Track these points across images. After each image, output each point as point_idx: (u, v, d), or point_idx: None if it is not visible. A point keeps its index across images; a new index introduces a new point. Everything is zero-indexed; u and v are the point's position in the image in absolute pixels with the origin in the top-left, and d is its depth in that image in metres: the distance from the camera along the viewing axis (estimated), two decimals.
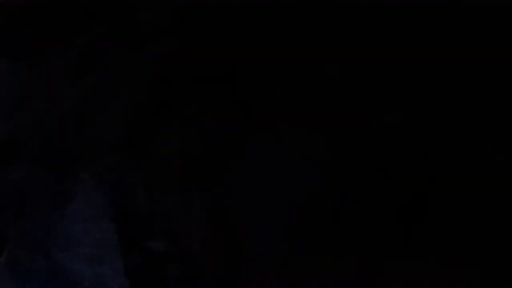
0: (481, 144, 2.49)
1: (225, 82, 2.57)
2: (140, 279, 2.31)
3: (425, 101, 2.52)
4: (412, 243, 2.47)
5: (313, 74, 2.55)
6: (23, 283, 2.23)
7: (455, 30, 2.42)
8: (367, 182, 2.52)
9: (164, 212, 2.48)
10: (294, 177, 2.56)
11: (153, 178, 2.50)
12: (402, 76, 2.52)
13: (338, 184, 2.54)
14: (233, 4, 2.46)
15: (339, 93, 2.57)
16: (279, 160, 2.57)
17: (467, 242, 2.43)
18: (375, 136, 2.55)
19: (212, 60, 2.57)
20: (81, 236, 2.30)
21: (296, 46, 2.53)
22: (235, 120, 2.54)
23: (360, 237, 2.49)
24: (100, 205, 2.34)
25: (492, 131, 2.48)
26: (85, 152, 2.49)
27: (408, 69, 2.50)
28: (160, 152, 2.51)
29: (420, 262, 2.43)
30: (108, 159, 2.50)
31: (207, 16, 2.52)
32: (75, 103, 2.53)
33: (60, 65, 2.55)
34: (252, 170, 2.58)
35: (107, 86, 2.57)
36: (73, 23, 2.56)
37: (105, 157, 2.50)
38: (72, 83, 2.55)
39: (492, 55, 2.42)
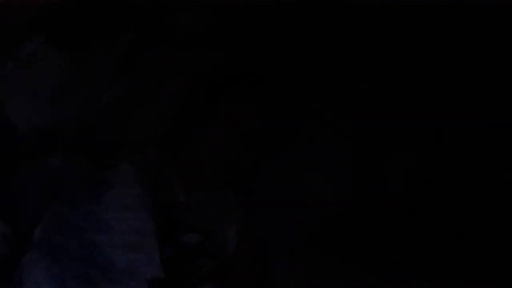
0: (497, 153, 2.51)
1: (261, 83, 2.59)
2: (172, 270, 2.28)
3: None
4: (438, 258, 2.46)
5: (348, 78, 2.58)
6: (54, 264, 2.19)
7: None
8: (396, 197, 2.53)
9: (200, 207, 2.47)
10: (325, 185, 2.57)
11: (190, 174, 2.49)
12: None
13: (367, 197, 2.55)
14: (269, 6, 2.49)
15: (372, 100, 2.59)
16: (312, 167, 2.58)
17: (492, 257, 2.43)
18: (399, 147, 2.57)
19: (248, 61, 2.59)
20: (117, 223, 2.27)
21: (332, 48, 2.57)
22: (270, 121, 2.56)
23: (386, 250, 2.49)
24: (137, 195, 2.32)
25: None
26: (126, 144, 2.48)
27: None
28: (198, 148, 2.51)
29: (447, 278, 2.42)
30: (148, 152, 2.50)
31: (243, 19, 2.55)
32: (117, 97, 2.54)
33: (104, 59, 2.57)
34: (285, 175, 2.58)
35: (148, 82, 2.58)
36: (117, 21, 2.58)
37: (145, 150, 2.50)
38: (114, 77, 2.55)
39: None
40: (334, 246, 2.48)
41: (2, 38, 2.55)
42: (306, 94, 2.60)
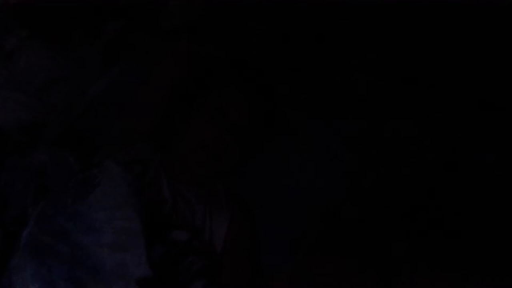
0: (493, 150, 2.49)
1: (251, 76, 2.56)
2: (162, 269, 2.27)
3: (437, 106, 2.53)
4: (433, 252, 2.46)
5: (337, 70, 2.56)
6: (43, 267, 2.18)
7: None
8: (385, 185, 2.52)
9: (187, 204, 2.46)
10: (316, 177, 2.56)
11: (177, 169, 2.47)
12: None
13: (360, 188, 2.54)
14: (260, 2, 2.46)
15: (366, 99, 2.58)
16: (302, 159, 2.57)
17: (487, 252, 2.42)
18: (398, 145, 2.55)
19: (238, 54, 2.57)
20: (104, 223, 2.24)
21: (320, 41, 2.58)
22: (260, 115, 2.53)
23: (380, 244, 2.48)
24: (123, 194, 2.29)
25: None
26: (111, 141, 2.46)
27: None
28: (184, 143, 2.50)
29: (441, 272, 2.40)
30: (134, 149, 2.48)
31: (235, 11, 2.52)
32: (103, 91, 2.51)
33: (89, 52, 2.53)
34: (274, 167, 2.57)
35: (134, 76, 2.56)
36: (102, 13, 2.55)
37: (130, 147, 2.48)
38: (101, 71, 2.53)
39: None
40: (328, 240, 2.47)
41: None
42: (294, 86, 2.59)
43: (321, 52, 2.54)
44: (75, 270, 2.18)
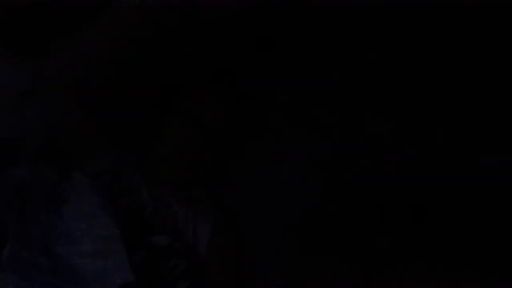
0: (482, 146, 2.46)
1: (228, 81, 2.55)
2: (144, 274, 2.27)
3: (425, 106, 2.51)
4: (416, 244, 2.43)
5: (319, 75, 2.54)
6: (24, 281, 2.19)
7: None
8: (369, 185, 2.50)
9: (168, 208, 2.45)
10: (298, 177, 2.54)
11: (155, 174, 2.47)
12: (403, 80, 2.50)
13: (341, 186, 2.52)
14: (235, 3, 2.46)
15: (343, 97, 2.55)
16: (282, 159, 2.55)
17: (470, 243, 2.40)
18: (377, 140, 2.53)
19: (214, 57, 2.56)
20: (81, 233, 2.27)
21: (300, 45, 2.54)
22: (238, 118, 2.53)
23: (365, 239, 2.46)
24: (96, 203, 2.32)
25: (492, 133, 2.46)
26: (81, 151, 2.47)
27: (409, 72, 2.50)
28: (161, 147, 2.49)
29: (425, 264, 2.40)
30: (103, 159, 2.48)
31: (209, 14, 2.51)
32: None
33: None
34: (255, 169, 2.56)
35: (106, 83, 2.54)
36: (75, 21, 2.54)
37: (101, 155, 2.48)
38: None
39: (492, 55, 2.41)
40: (313, 239, 2.44)
41: None
42: (271, 86, 2.56)
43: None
44: (56, 281, 2.19)
